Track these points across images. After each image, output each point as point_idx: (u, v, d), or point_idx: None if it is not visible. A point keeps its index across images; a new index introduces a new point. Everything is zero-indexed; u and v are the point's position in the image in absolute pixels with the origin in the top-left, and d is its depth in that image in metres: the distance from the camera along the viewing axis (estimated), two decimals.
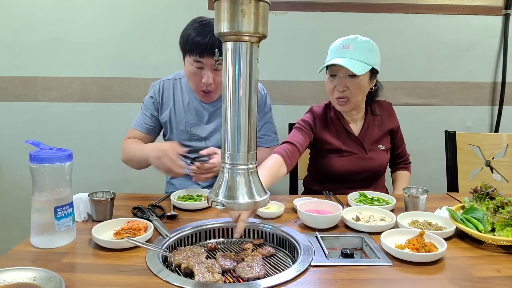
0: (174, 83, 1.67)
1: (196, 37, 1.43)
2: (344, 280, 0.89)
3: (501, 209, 1.11)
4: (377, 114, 1.68)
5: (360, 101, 1.59)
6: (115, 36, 2.28)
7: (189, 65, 1.50)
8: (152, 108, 1.67)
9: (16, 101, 2.34)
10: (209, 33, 1.42)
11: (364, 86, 1.54)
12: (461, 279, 0.89)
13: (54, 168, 1.02)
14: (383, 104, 1.73)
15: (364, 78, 1.51)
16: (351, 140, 1.64)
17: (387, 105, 1.74)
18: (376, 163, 1.64)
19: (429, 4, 2.34)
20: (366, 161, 1.63)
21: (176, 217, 1.26)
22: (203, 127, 1.64)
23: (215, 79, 1.51)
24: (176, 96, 1.66)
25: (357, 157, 1.63)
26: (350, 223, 1.18)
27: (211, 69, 1.48)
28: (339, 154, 1.63)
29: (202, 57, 1.44)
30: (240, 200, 0.85)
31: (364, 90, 1.56)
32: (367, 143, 1.64)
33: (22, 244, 1.05)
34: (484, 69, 2.44)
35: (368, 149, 1.64)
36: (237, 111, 0.83)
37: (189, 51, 1.47)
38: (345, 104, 1.56)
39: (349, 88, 1.51)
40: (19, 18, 2.25)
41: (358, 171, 1.63)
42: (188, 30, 1.47)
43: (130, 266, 0.95)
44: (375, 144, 1.66)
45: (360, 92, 1.54)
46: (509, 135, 1.92)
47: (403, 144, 1.79)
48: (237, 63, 0.81)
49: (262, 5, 0.79)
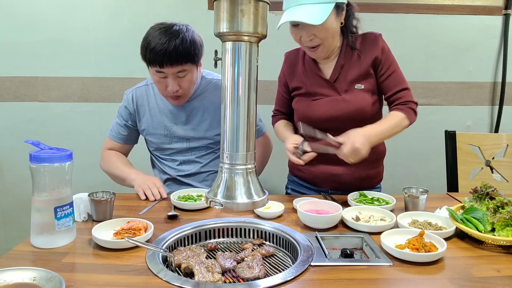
0: (146, 90, 1.64)
1: (154, 47, 1.39)
2: (344, 280, 0.89)
3: (501, 209, 1.11)
4: (355, 48, 1.47)
5: (335, 43, 1.44)
6: (115, 36, 2.29)
7: (153, 75, 1.49)
8: (126, 117, 1.65)
9: (16, 101, 2.34)
10: (165, 42, 1.38)
11: (332, 27, 1.37)
12: (461, 279, 0.89)
13: (54, 168, 1.02)
14: (367, 36, 1.49)
15: (329, 19, 1.33)
16: (322, 82, 1.50)
17: (372, 36, 1.48)
18: (352, 105, 1.45)
19: (429, 4, 2.34)
20: (339, 103, 1.46)
21: (176, 217, 1.26)
22: (182, 128, 1.62)
23: (181, 85, 1.49)
24: (150, 103, 1.63)
25: (329, 100, 1.48)
26: (350, 223, 1.18)
27: (173, 77, 1.45)
28: (312, 98, 1.51)
29: (162, 67, 1.42)
30: (238, 200, 0.85)
31: (334, 31, 1.39)
32: (341, 84, 1.47)
33: (22, 244, 1.05)
34: (484, 69, 2.44)
35: (342, 90, 1.47)
36: (236, 111, 0.83)
37: (149, 61, 1.44)
38: (319, 51, 1.42)
39: (316, 35, 1.36)
40: (19, 18, 2.25)
41: (333, 116, 1.47)
42: (148, 39, 1.42)
43: (130, 266, 0.95)
44: (351, 84, 1.47)
45: (330, 35, 1.38)
46: (509, 135, 1.91)
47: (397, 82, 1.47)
48: (237, 63, 0.81)
49: (261, 5, 0.79)
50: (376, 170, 1.62)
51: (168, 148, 1.64)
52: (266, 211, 1.26)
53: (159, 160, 1.69)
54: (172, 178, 1.67)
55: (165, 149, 1.65)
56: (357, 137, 1.29)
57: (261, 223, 1.20)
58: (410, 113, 1.44)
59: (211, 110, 1.61)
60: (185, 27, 1.45)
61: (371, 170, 1.58)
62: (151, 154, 1.75)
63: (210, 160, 1.66)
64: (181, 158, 1.65)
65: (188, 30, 1.45)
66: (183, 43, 1.40)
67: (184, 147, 1.63)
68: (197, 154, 1.65)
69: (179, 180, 1.65)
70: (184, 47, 1.40)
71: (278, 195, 1.54)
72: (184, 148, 1.64)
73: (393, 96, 1.47)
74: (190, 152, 1.65)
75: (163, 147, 1.65)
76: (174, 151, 1.65)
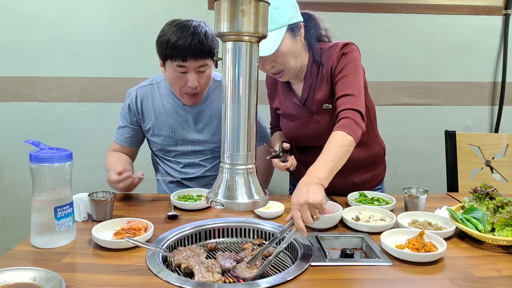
0: (151, 89, 1.61)
1: (177, 41, 1.37)
2: (344, 280, 0.89)
3: (501, 209, 1.11)
4: (320, 63, 1.38)
5: (299, 64, 1.36)
6: (115, 36, 2.29)
7: (171, 71, 1.45)
8: (130, 118, 1.61)
9: (16, 101, 2.34)
10: (189, 36, 1.37)
11: (290, 50, 1.29)
12: (461, 279, 0.89)
13: (54, 168, 1.02)
14: (331, 47, 1.38)
15: (285, 42, 1.26)
16: (295, 104, 1.46)
17: (334, 46, 1.37)
18: (323, 126, 1.40)
19: (429, 4, 2.34)
20: (311, 124, 1.43)
21: (176, 217, 1.26)
22: (188, 131, 1.59)
23: (200, 81, 1.47)
24: (155, 103, 1.59)
25: (303, 122, 1.45)
26: (350, 223, 1.18)
27: (195, 72, 1.44)
28: (289, 119, 1.50)
29: (186, 61, 1.40)
30: (239, 200, 0.85)
31: (293, 53, 1.31)
32: (311, 105, 1.42)
33: (22, 244, 1.05)
34: (484, 69, 2.44)
35: (313, 111, 1.42)
36: (237, 111, 0.83)
37: (170, 56, 1.41)
38: (284, 75, 1.35)
39: (276, 61, 1.29)
40: (19, 18, 2.25)
41: (309, 136, 1.44)
42: (167, 35, 1.41)
43: (130, 266, 0.95)
44: (320, 104, 1.40)
45: (290, 58, 1.30)
46: (509, 135, 1.91)
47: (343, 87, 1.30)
48: (237, 63, 0.81)
49: (262, 5, 0.79)
50: (373, 173, 1.59)
51: (172, 150, 1.62)
52: (266, 211, 1.26)
53: (163, 161, 1.67)
54: (175, 181, 1.65)
55: (169, 151, 1.63)
56: (296, 193, 1.05)
57: (261, 223, 1.20)
58: (351, 126, 1.21)
59: (218, 113, 1.58)
60: (203, 22, 1.45)
61: (365, 174, 1.56)
62: (154, 155, 1.72)
63: (214, 164, 1.64)
64: (185, 160, 1.63)
65: (207, 25, 1.45)
66: (206, 37, 1.39)
67: (189, 149, 1.61)
68: (202, 158, 1.63)
69: (183, 183, 1.63)
70: (208, 40, 1.40)
71: (279, 195, 1.54)
72: (189, 150, 1.61)
73: (336, 102, 1.30)
74: (195, 155, 1.62)
75: (167, 149, 1.62)
76: (178, 153, 1.62)
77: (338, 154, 1.15)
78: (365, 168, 1.54)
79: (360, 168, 1.47)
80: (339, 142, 1.17)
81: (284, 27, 1.25)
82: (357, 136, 1.21)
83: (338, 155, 1.14)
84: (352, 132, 1.19)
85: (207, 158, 1.63)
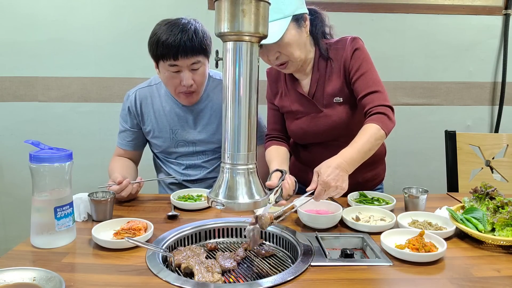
0: (150, 90, 1.59)
1: (166, 40, 1.36)
2: (344, 280, 0.89)
3: (501, 209, 1.11)
4: (328, 57, 1.38)
5: (304, 56, 1.35)
6: (115, 36, 2.29)
7: (164, 71, 1.44)
8: (130, 121, 1.60)
9: (16, 101, 2.34)
10: (178, 34, 1.36)
11: (295, 40, 1.28)
12: (461, 279, 0.89)
13: (54, 168, 1.02)
14: (339, 42, 1.39)
15: (290, 33, 1.26)
16: (302, 98, 1.45)
17: (343, 41, 1.38)
18: (333, 120, 1.40)
19: (429, 4, 2.34)
20: (320, 119, 1.42)
21: (176, 217, 1.26)
22: (189, 132, 1.58)
23: (195, 79, 1.45)
24: (155, 104, 1.58)
25: (311, 117, 1.44)
26: (350, 223, 1.18)
27: (188, 70, 1.42)
28: (295, 116, 1.48)
29: (177, 60, 1.38)
30: (240, 200, 0.86)
31: (298, 44, 1.30)
32: (320, 99, 1.41)
33: (22, 244, 1.05)
34: (484, 69, 2.44)
35: (322, 104, 1.41)
36: (237, 111, 0.83)
37: (161, 56, 1.39)
38: (288, 67, 1.35)
39: (281, 52, 1.29)
40: (19, 18, 2.25)
41: (317, 132, 1.44)
42: (157, 35, 1.39)
43: (130, 266, 0.95)
44: (330, 98, 1.40)
45: (294, 49, 1.29)
46: (509, 135, 1.91)
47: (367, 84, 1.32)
48: (238, 63, 0.81)
49: (262, 5, 0.79)
50: (374, 172, 1.60)
51: (174, 152, 1.61)
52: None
53: (165, 163, 1.67)
54: (178, 183, 1.64)
55: (170, 153, 1.62)
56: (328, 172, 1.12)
57: None
58: (384, 121, 1.25)
59: (218, 112, 1.57)
60: (193, 20, 1.43)
61: (367, 173, 1.56)
62: (156, 157, 1.71)
63: (216, 165, 1.63)
64: (187, 162, 1.62)
65: (197, 22, 1.43)
66: (196, 34, 1.38)
67: (190, 150, 1.60)
68: (204, 159, 1.62)
69: (185, 185, 1.63)
70: (198, 37, 1.38)
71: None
72: (190, 151, 1.61)
73: (363, 100, 1.31)
74: (196, 156, 1.62)
75: (168, 151, 1.62)
76: (179, 155, 1.62)
77: (369, 146, 1.21)
78: (367, 167, 1.54)
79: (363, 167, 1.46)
80: (374, 134, 1.22)
81: (289, 17, 1.25)
82: (389, 131, 1.26)
83: (369, 147, 1.20)
84: (385, 127, 1.24)
85: (208, 160, 1.62)
